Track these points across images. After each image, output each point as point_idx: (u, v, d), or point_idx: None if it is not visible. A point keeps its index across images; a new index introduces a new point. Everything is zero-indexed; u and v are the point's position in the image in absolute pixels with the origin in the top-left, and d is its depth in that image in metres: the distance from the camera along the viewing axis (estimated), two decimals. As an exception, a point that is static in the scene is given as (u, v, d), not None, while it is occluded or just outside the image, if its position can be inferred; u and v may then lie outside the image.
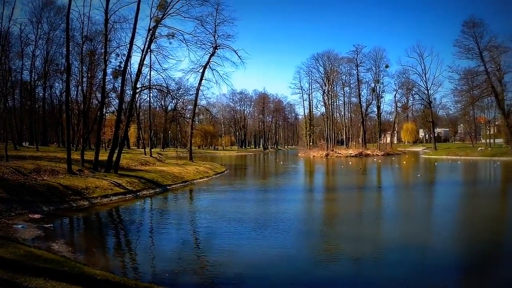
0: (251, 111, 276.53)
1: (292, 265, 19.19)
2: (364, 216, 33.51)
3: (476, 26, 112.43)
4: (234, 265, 19.04)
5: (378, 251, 21.67)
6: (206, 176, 65.06)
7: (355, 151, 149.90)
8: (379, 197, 46.56)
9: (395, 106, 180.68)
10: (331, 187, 58.77)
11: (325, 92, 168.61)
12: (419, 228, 27.53)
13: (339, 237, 25.67)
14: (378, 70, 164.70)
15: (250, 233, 25.90)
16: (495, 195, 47.09)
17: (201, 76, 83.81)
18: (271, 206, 37.87)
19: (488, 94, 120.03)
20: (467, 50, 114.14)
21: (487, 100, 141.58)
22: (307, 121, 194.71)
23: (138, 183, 46.70)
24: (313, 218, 33.37)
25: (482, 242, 23.32)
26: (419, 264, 19.37)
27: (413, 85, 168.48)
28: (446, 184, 57.33)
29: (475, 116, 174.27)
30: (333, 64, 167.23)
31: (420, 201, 42.06)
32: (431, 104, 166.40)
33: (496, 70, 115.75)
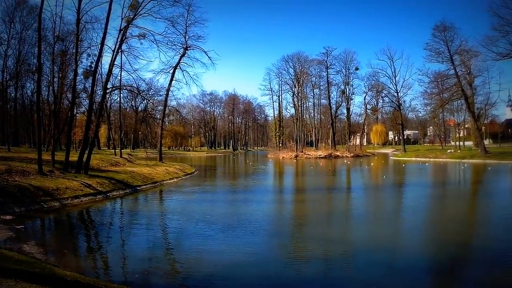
0: (221, 112, 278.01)
1: (261, 266, 19.44)
2: (333, 217, 33.93)
3: (447, 30, 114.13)
4: (204, 266, 19.28)
5: (347, 252, 22.00)
6: (175, 177, 65.47)
7: (324, 152, 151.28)
8: (348, 198, 46.94)
9: (364, 108, 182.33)
10: (300, 188, 58.99)
11: (295, 94, 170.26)
12: (387, 229, 28.10)
13: (308, 238, 25.82)
14: (348, 72, 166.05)
15: (219, 234, 25.94)
16: (462, 196, 47.74)
17: (171, 76, 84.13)
18: (240, 207, 37.99)
19: (458, 97, 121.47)
20: (437, 53, 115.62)
21: (457, 103, 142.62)
22: (277, 122, 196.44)
23: (108, 184, 46.78)
24: (282, 219, 33.59)
25: (449, 243, 23.86)
26: (388, 265, 19.71)
27: (383, 88, 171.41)
28: (414, 186, 57.99)
29: (444, 119, 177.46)
30: (303, 66, 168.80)
31: (387, 203, 42.76)
32: (401, 106, 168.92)
33: (466, 73, 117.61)
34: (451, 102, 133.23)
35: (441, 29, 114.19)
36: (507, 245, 22.20)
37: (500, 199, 41.73)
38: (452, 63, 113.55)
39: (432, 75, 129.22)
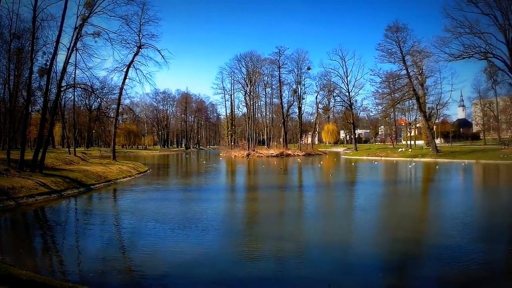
0: (174, 110, 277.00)
1: (214, 264, 19.71)
2: (284, 216, 34.47)
3: (400, 30, 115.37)
4: (157, 264, 19.55)
5: (299, 250, 22.38)
6: (129, 175, 65.76)
7: (276, 151, 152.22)
8: (299, 196, 47.77)
9: (316, 107, 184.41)
10: (252, 186, 59.53)
11: (247, 93, 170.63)
12: (338, 227, 28.65)
13: (260, 236, 26.11)
14: (300, 72, 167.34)
15: (172, 233, 26.37)
16: (412, 195, 48.83)
17: (124, 75, 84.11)
18: (193, 206, 38.08)
19: (409, 97, 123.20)
20: (389, 54, 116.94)
21: (408, 103, 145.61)
22: (229, 121, 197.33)
23: (62, 182, 46.75)
24: (234, 217, 34.04)
25: (400, 240, 24.57)
26: (340, 262, 20.13)
27: (335, 87, 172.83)
28: (364, 184, 59.31)
29: (396, 118, 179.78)
30: (256, 65, 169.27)
31: (338, 201, 43.33)
32: (352, 105, 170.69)
33: (418, 74, 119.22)
34: (403, 101, 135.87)
35: (394, 30, 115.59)
36: (456, 242, 22.98)
37: (449, 197, 42.99)
38: (404, 64, 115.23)
39: (383, 75, 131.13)
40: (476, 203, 39.86)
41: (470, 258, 19.77)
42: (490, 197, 44.19)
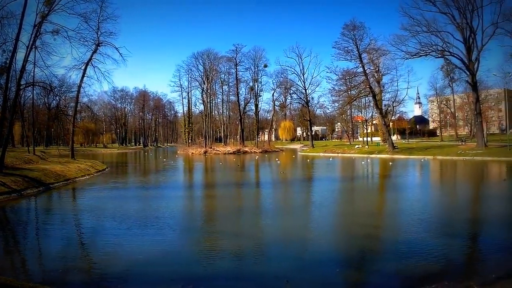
0: (132, 108, 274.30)
1: (173, 262, 19.95)
2: (242, 212, 34.70)
3: (357, 29, 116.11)
4: (117, 262, 19.70)
5: (257, 247, 22.71)
6: (87, 174, 65.60)
7: (233, 148, 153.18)
8: (256, 193, 48.20)
9: (273, 105, 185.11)
10: (210, 183, 59.73)
11: (204, 90, 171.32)
12: (295, 223, 28.82)
13: (218, 233, 26.45)
14: (257, 69, 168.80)
15: (131, 231, 26.43)
16: (367, 190, 49.85)
17: (83, 73, 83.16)
18: (152, 204, 38.47)
19: (366, 94, 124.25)
20: (346, 52, 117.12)
21: (365, 100, 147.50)
22: (186, 118, 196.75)
23: (22, 182, 46.57)
24: (193, 215, 34.40)
25: (356, 235, 25.11)
26: (298, 258, 20.20)
27: (291, 85, 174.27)
28: (321, 180, 59.42)
29: (352, 115, 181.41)
30: (213, 62, 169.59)
31: (295, 197, 44.15)
32: (309, 103, 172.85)
33: (375, 71, 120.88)
34: (359, 99, 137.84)
35: (351, 28, 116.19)
36: (413, 237, 23.50)
37: (406, 193, 43.69)
38: (360, 61, 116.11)
39: (340, 73, 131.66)
40: (432, 198, 40.69)
41: (428, 252, 20.32)
42: (446, 193, 45.33)
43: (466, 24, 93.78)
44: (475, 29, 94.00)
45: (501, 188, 46.12)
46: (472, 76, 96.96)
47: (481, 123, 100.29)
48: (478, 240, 23.76)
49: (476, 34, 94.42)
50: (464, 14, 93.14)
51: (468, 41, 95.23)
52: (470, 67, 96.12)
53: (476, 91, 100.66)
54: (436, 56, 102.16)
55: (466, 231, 25.33)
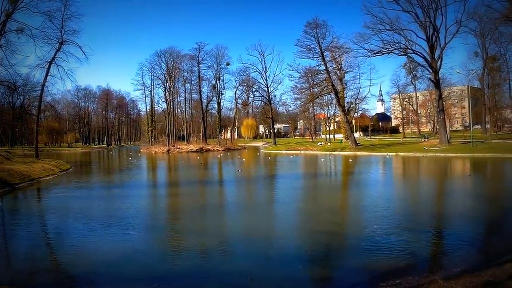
0: (95, 107, 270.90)
1: (139, 261, 19.95)
2: (207, 210, 34.65)
3: (319, 27, 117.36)
4: (83, 263, 19.57)
5: (222, 244, 22.81)
6: (52, 173, 65.21)
7: (196, 146, 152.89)
8: (220, 191, 48.62)
9: (235, 103, 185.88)
10: (173, 182, 60.04)
11: (167, 89, 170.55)
12: (259, 220, 29.14)
13: (183, 231, 26.60)
14: (219, 67, 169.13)
15: (97, 231, 26.28)
16: (330, 187, 49.95)
17: (46, 72, 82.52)
18: (116, 203, 38.18)
19: (328, 92, 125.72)
20: (308, 49, 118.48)
21: (327, 98, 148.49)
22: (149, 117, 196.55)
23: (-13, 183, 45.99)
24: (158, 214, 34.39)
25: (319, 231, 25.45)
26: (262, 255, 20.53)
27: (254, 83, 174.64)
28: (284, 178, 60.24)
29: (314, 113, 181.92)
30: (175, 61, 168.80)
31: (258, 194, 44.70)
32: (271, 100, 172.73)
33: (337, 69, 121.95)
34: (321, 96, 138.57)
35: (313, 26, 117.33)
36: (376, 232, 23.87)
37: (368, 189, 44.31)
38: (323, 59, 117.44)
39: (302, 71, 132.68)
40: (396, 194, 41.32)
41: (392, 248, 20.76)
42: (409, 189, 45.97)
43: (430, 22, 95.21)
44: (438, 28, 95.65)
45: (463, 183, 47.12)
46: (435, 74, 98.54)
47: (444, 120, 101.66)
48: (442, 235, 24.16)
49: (439, 33, 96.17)
50: (428, 13, 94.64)
51: (431, 39, 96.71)
52: (432, 65, 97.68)
53: (439, 89, 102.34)
54: (399, 54, 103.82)
55: (430, 227, 25.70)
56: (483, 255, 19.54)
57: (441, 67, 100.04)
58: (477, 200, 35.15)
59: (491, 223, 26.53)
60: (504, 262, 16.55)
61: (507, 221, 27.16)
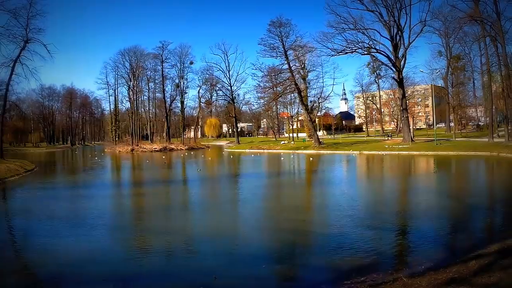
0: (59, 106, 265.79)
1: (104, 261, 19.79)
2: (172, 209, 34.75)
3: (283, 26, 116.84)
4: (49, 264, 19.28)
5: (187, 243, 22.95)
6: (17, 174, 64.31)
7: (159, 145, 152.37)
8: (184, 190, 48.51)
9: (199, 102, 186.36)
10: (138, 182, 59.48)
11: (131, 88, 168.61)
12: (224, 219, 29.23)
13: (148, 231, 26.53)
14: (182, 66, 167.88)
15: (62, 231, 25.94)
16: (293, 186, 49.88)
17: (11, 70, 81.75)
18: (81, 203, 37.89)
19: (291, 91, 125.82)
20: (272, 48, 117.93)
21: (290, 97, 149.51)
22: (113, 116, 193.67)
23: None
24: (123, 213, 34.17)
25: (284, 230, 25.55)
26: (226, 255, 20.47)
27: (217, 81, 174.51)
28: (248, 177, 60.53)
29: (278, 112, 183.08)
30: (139, 59, 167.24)
31: (223, 193, 44.57)
32: (234, 99, 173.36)
33: (300, 68, 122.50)
34: (285, 95, 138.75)
35: (277, 25, 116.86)
36: (340, 230, 23.91)
37: (332, 188, 44.47)
38: (286, 58, 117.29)
39: (266, 70, 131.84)
40: (359, 192, 41.57)
41: (356, 245, 20.78)
42: (373, 187, 46.30)
43: (394, 22, 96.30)
44: (402, 27, 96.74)
45: (427, 181, 47.77)
46: (399, 73, 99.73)
47: (407, 119, 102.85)
48: (406, 232, 24.26)
49: (403, 32, 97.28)
50: (392, 12, 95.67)
51: (395, 38, 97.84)
52: (396, 64, 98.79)
53: (402, 87, 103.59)
54: (363, 53, 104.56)
55: (394, 224, 25.88)
56: (447, 252, 19.58)
57: (404, 66, 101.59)
58: (440, 198, 35.52)
59: (455, 220, 26.65)
60: (468, 259, 16.74)
61: (471, 218, 27.50)
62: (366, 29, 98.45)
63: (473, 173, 58.71)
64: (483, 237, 22.06)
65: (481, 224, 25.53)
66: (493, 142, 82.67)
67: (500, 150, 71.94)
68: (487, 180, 49.98)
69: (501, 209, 30.40)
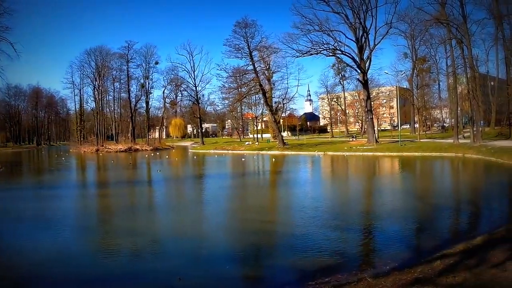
0: (25, 106, 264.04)
1: (68, 263, 19.53)
2: (136, 210, 34.45)
3: (248, 26, 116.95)
4: (13, 266, 19.11)
5: (152, 244, 22.82)
6: (-18, 174, 63.12)
7: (124, 146, 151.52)
8: (149, 191, 48.39)
9: (163, 102, 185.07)
10: (103, 182, 58.88)
11: (96, 88, 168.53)
12: (188, 220, 29.09)
13: (113, 232, 26.37)
14: (148, 66, 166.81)
15: (27, 232, 25.64)
16: (258, 186, 50.00)
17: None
18: (47, 204, 37.38)
19: (256, 91, 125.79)
20: (237, 49, 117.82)
21: (255, 97, 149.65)
22: (78, 116, 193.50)
23: None
24: (89, 214, 33.49)
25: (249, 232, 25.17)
26: (191, 256, 20.41)
27: (182, 82, 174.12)
28: (212, 177, 60.26)
29: (242, 112, 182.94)
30: (105, 59, 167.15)
31: (187, 194, 44.33)
32: (199, 100, 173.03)
33: (265, 69, 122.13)
34: (249, 96, 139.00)
35: (242, 26, 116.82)
36: (304, 231, 23.79)
37: (296, 188, 44.23)
38: (251, 59, 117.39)
39: (231, 70, 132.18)
40: (324, 193, 41.65)
41: (320, 246, 20.72)
42: (336, 187, 46.62)
43: (360, 24, 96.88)
44: (368, 29, 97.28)
45: (391, 181, 48.14)
46: (363, 74, 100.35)
47: (372, 120, 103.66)
48: (371, 233, 24.21)
49: (369, 34, 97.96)
50: (358, 14, 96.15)
51: (361, 40, 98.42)
52: (361, 66, 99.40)
53: (367, 89, 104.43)
54: (327, 55, 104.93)
55: (358, 225, 25.79)
56: (412, 253, 19.67)
57: (369, 67, 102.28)
58: (405, 198, 35.70)
59: (421, 220, 26.69)
60: (433, 259, 16.80)
61: (436, 218, 27.50)
62: (332, 30, 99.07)
63: (438, 173, 59.31)
64: (448, 237, 22.08)
65: (446, 224, 25.57)
66: (459, 143, 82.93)
67: (465, 151, 72.81)
68: (452, 180, 50.51)
69: (466, 209, 30.78)
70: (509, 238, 19.22)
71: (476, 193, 38.01)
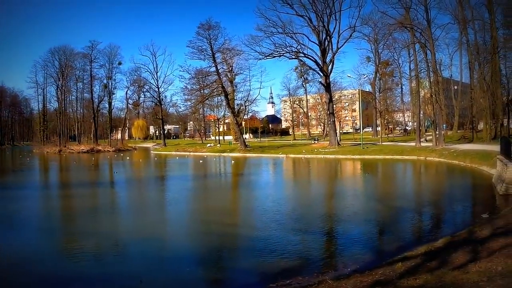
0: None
1: (31, 264, 19.37)
2: (99, 212, 33.95)
3: (212, 28, 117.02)
4: None
5: (113, 247, 22.64)
6: None
7: (87, 147, 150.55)
8: (112, 192, 48.12)
9: (126, 103, 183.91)
10: (65, 184, 58.14)
11: (59, 87, 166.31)
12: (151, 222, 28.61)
13: (77, 233, 25.96)
14: (111, 66, 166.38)
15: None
16: (219, 189, 50.01)
17: None
18: (8, 205, 36.56)
19: (218, 93, 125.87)
20: (200, 51, 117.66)
21: (217, 99, 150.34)
22: (41, 116, 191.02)
23: None
24: (51, 215, 33.47)
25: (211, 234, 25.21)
26: (153, 258, 20.21)
27: (145, 83, 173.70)
28: (174, 179, 59.78)
29: (204, 114, 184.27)
30: (69, 59, 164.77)
31: (150, 196, 43.85)
32: (162, 101, 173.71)
33: (228, 71, 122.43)
34: (212, 98, 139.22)
35: (206, 28, 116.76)
36: (266, 233, 23.78)
37: (258, 191, 44.50)
38: (213, 61, 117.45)
39: (193, 72, 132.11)
40: (286, 196, 41.54)
41: (282, 249, 20.68)
42: (299, 190, 46.51)
43: (323, 27, 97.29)
44: (331, 33, 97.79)
45: (352, 184, 48.59)
46: (326, 77, 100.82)
47: (334, 123, 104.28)
48: (332, 235, 24.34)
49: (332, 37, 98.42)
50: (322, 18, 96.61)
51: (324, 43, 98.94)
52: (324, 69, 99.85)
53: (329, 92, 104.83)
54: (290, 58, 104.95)
55: (320, 227, 25.85)
56: (374, 255, 19.70)
57: (332, 71, 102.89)
58: (367, 201, 35.77)
59: (382, 222, 26.97)
60: (394, 261, 16.86)
61: (398, 221, 27.62)
62: (295, 33, 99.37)
63: (400, 176, 60.16)
64: (410, 240, 22.23)
65: (408, 227, 25.64)
66: (421, 146, 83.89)
67: (427, 154, 73.79)
68: (414, 183, 51.21)
69: (428, 212, 31.07)
70: (471, 240, 19.35)
71: (437, 196, 38.38)
